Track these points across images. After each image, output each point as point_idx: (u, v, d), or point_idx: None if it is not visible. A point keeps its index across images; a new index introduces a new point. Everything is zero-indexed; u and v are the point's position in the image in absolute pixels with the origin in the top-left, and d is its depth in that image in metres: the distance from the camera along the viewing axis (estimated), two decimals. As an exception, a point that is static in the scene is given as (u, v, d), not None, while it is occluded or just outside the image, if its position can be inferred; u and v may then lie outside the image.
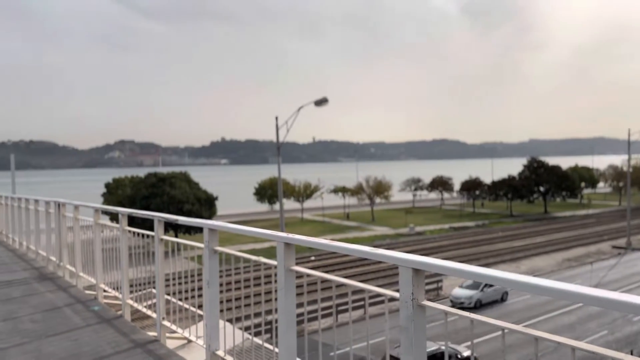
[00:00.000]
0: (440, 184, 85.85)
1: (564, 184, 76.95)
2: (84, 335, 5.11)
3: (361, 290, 2.86)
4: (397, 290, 2.55)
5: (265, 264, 3.63)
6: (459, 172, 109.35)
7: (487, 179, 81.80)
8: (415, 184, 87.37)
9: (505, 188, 75.31)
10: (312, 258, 40.88)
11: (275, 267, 3.31)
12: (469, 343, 21.23)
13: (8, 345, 4.84)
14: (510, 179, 76.93)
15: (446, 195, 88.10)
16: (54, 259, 8.79)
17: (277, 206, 71.88)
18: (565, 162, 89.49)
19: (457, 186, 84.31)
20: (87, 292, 7.06)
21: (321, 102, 23.93)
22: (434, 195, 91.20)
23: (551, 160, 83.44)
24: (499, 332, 2.09)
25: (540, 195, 78.40)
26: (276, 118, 24.98)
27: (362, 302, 26.57)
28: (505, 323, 2.03)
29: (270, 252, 4.21)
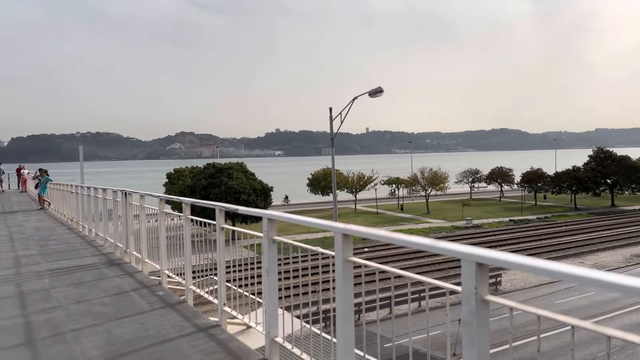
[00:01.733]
0: (500, 175, 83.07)
1: (633, 175, 72.42)
2: (150, 318, 5.36)
3: (417, 283, 2.83)
4: (457, 284, 2.50)
5: (322, 253, 3.67)
6: (519, 163, 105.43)
7: (550, 171, 78.28)
8: (473, 175, 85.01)
9: (570, 180, 71.81)
10: (365, 249, 40.81)
11: (333, 257, 3.33)
12: (533, 338, 20.53)
13: (82, 326, 5.16)
14: (575, 170, 73.24)
15: (506, 187, 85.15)
16: (121, 245, 9.27)
17: (329, 197, 72.18)
18: (634, 153, 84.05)
19: (517, 178, 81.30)
20: (152, 277, 7.40)
21: (376, 93, 23.69)
22: (492, 187, 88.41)
23: (619, 151, 78.70)
24: (563, 329, 2.00)
25: (607, 187, 74.20)
26: (330, 109, 25.01)
27: (416, 295, 26.28)
28: (575, 320, 1.95)
29: (323, 243, 4.25)
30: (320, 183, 73.20)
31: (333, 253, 3.42)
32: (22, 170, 36.36)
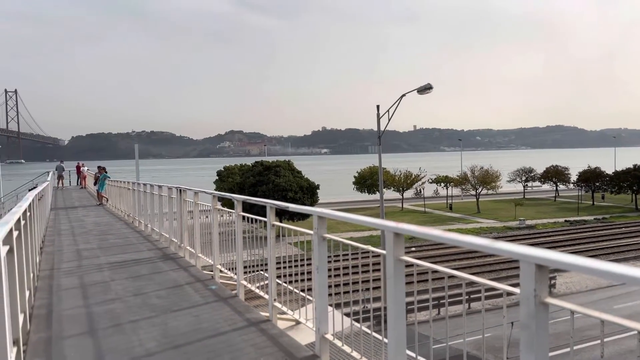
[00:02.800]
0: (555, 174, 79.87)
1: (701, 174, 67.80)
2: (204, 312, 5.53)
3: (469, 284, 2.78)
4: (514, 285, 2.44)
5: (372, 252, 3.66)
6: (576, 161, 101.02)
7: (609, 169, 74.55)
8: (526, 174, 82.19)
9: (630, 179, 68.11)
10: (413, 249, 40.33)
11: (384, 255, 3.32)
12: (592, 343, 19.67)
13: (139, 317, 5.39)
14: (636, 169, 69.34)
15: (561, 187, 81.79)
16: (175, 240, 9.59)
17: (376, 195, 71.72)
18: None
19: (573, 177, 77.93)
20: (205, 272, 7.62)
21: (425, 90, 23.34)
22: (547, 186, 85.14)
23: (687, 148, 73.82)
24: (623, 335, 1.91)
25: (674, 187, 69.82)
26: (377, 107, 24.83)
27: (466, 296, 25.70)
28: (642, 326, 1.86)
29: (369, 241, 4.25)
30: (367, 181, 72.86)
31: (384, 252, 3.42)
32: (81, 168, 38.34)
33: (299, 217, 43.33)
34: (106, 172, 22.43)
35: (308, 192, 53.62)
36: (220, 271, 7.15)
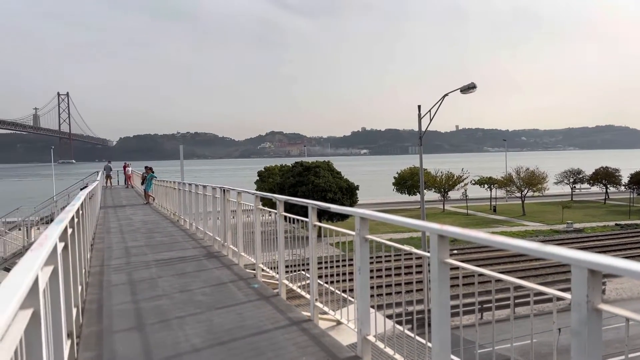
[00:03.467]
0: (605, 176, 76.57)
1: None
2: (247, 309, 5.63)
3: (516, 287, 2.72)
4: (565, 290, 2.37)
5: (415, 254, 3.63)
6: (627, 162, 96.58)
7: (665, 171, 70.85)
8: (574, 175, 79.18)
9: (689, 181, 64.53)
10: (455, 251, 39.59)
11: (427, 258, 3.28)
12: None
13: (185, 314, 5.54)
14: (696, 170, 65.68)
15: (612, 189, 78.37)
16: (219, 239, 9.79)
17: (416, 197, 70.80)
18: None
19: (625, 179, 74.50)
20: (248, 270, 7.74)
21: (468, 89, 22.88)
22: (596, 188, 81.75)
23: None
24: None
25: None
26: (419, 107, 24.52)
27: (509, 301, 25.02)
28: None
29: (409, 243, 4.20)
30: (407, 182, 72.07)
31: (427, 254, 3.38)
32: (126, 168, 39.78)
33: (338, 217, 43.31)
34: (153, 172, 23.13)
35: (347, 193, 53.52)
36: (262, 270, 7.26)
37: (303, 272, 6.26)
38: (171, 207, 17.25)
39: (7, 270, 26.01)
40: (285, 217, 6.28)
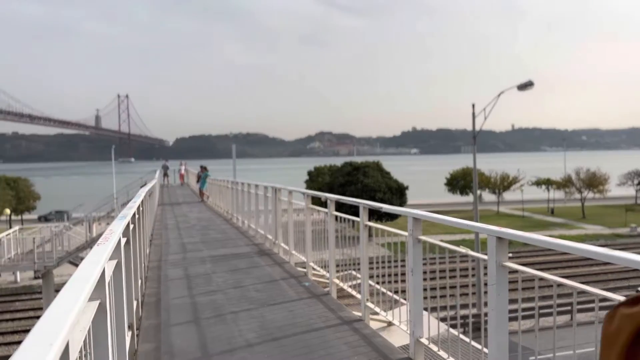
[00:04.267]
0: (674, 177, 71.92)
1: None
2: (298, 307, 5.68)
3: (579, 293, 2.60)
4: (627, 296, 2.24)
5: (472, 256, 3.55)
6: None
7: None
8: (639, 177, 74.85)
9: None
10: (510, 255, 38.32)
11: (484, 260, 3.20)
12: None
13: (239, 309, 5.66)
14: None
15: (682, 191, 73.50)
16: (270, 237, 9.94)
17: (468, 197, 69.07)
18: None
19: (698, 181, 69.65)
20: (299, 268, 7.82)
21: (525, 86, 22.09)
22: (664, 191, 76.92)
23: None
24: None
25: None
26: (472, 105, 23.90)
27: (568, 307, 23.98)
28: None
29: (461, 246, 4.10)
30: (459, 182, 70.44)
31: (484, 256, 3.30)
32: (180, 167, 41.30)
33: (386, 217, 42.93)
34: (207, 171, 23.80)
35: (397, 193, 52.93)
36: (313, 268, 7.30)
37: (353, 272, 6.25)
38: (224, 205, 17.68)
39: (72, 263, 27.51)
40: (336, 216, 6.29)
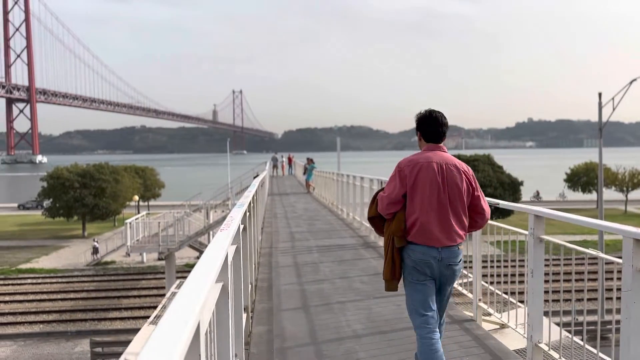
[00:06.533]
0: None
1: None
2: (404, 302, 5.58)
3: None
4: None
5: (606, 260, 3.23)
6: None
7: None
8: None
9: None
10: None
11: (617, 264, 2.89)
12: None
13: (346, 300, 5.72)
14: None
15: None
16: (375, 230, 9.90)
17: (591, 195, 63.20)
18: None
19: None
20: (405, 263, 7.70)
21: (664, 72, 19.64)
22: None
23: None
24: None
25: None
26: (599, 95, 21.76)
27: None
28: None
29: (583, 247, 3.73)
30: (581, 179, 64.72)
31: (618, 260, 2.99)
32: (282, 158, 43.26)
33: (497, 214, 40.79)
34: (313, 163, 24.39)
35: (510, 189, 49.99)
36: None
37: (463, 270, 6.01)
38: (329, 196, 17.98)
39: (191, 247, 29.78)
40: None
